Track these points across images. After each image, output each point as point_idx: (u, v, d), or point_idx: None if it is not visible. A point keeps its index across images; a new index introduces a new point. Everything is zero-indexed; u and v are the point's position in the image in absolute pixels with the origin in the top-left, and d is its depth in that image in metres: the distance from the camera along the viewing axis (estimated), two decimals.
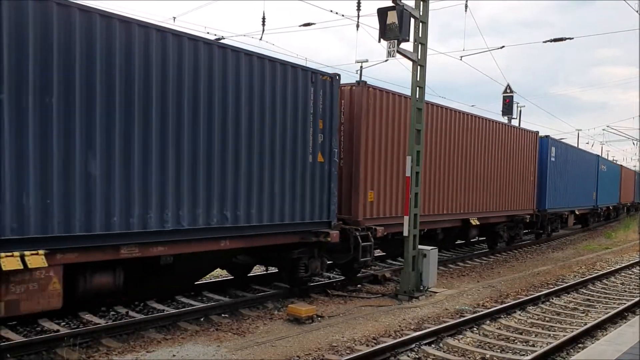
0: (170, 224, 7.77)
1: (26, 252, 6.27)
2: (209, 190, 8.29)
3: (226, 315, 9.03)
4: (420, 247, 11.22)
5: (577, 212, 25.06)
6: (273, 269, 11.76)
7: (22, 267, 6.20)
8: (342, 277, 12.01)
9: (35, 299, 6.48)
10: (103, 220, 7.01)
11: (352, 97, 11.16)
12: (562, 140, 24.29)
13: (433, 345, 7.76)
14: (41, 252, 6.42)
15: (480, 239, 19.44)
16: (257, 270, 12.68)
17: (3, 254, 6.10)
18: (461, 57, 19.07)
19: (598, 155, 30.41)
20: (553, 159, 21.02)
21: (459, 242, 18.67)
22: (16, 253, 6.19)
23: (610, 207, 34.10)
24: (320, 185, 10.07)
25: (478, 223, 15.73)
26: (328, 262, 10.96)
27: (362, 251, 10.65)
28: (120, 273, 7.79)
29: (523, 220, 18.97)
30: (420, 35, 10.74)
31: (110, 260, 7.34)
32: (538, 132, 19.98)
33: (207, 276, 11.32)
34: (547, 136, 20.86)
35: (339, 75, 10.41)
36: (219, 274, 12.34)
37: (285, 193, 9.46)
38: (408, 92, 11.32)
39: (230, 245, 8.76)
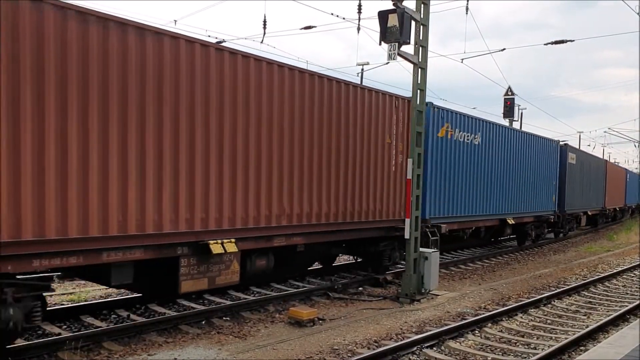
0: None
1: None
2: None
3: (227, 318, 9.02)
4: (421, 249, 11.22)
5: (633, 207, 46.71)
6: None
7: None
8: None
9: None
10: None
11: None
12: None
13: (435, 348, 7.76)
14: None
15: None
16: None
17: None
18: (462, 59, 19.05)
19: (639, 174, 52.74)
20: (628, 180, 41.66)
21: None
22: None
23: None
24: None
25: (611, 209, 33.45)
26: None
27: None
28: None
29: (622, 209, 39.40)
30: (421, 38, 10.76)
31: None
32: (626, 169, 42.80)
33: None
34: (626, 169, 42.57)
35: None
36: None
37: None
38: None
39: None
